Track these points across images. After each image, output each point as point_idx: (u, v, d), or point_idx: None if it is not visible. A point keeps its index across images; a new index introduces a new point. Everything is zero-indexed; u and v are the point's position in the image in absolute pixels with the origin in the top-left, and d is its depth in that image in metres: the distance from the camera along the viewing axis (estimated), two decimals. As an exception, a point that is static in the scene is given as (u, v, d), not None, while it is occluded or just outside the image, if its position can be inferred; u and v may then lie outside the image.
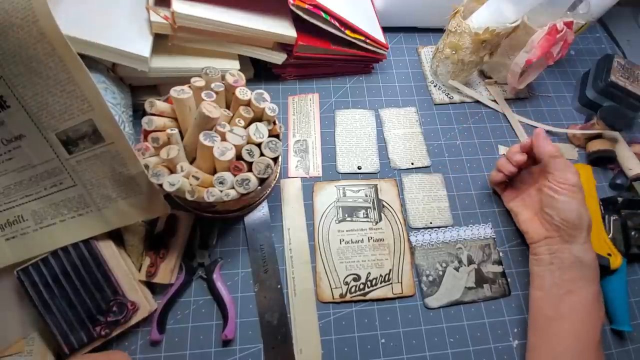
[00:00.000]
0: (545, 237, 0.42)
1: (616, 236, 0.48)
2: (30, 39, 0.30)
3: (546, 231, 0.42)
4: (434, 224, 0.49)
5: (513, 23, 0.49)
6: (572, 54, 0.68)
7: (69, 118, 0.33)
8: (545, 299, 0.41)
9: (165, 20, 0.43)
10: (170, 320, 0.42)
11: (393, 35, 0.65)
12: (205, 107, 0.36)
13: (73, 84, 0.32)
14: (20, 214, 0.38)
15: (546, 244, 0.42)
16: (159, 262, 0.41)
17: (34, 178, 0.37)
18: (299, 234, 0.47)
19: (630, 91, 0.56)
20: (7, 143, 0.36)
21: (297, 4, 0.46)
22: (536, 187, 0.46)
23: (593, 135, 0.55)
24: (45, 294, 0.38)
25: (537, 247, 0.43)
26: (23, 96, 0.33)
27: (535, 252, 0.43)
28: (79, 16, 0.40)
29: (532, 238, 0.44)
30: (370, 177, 0.52)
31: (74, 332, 0.38)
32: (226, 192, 0.36)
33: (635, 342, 0.45)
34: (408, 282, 0.45)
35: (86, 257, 0.39)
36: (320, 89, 0.58)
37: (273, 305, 0.43)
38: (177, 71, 0.46)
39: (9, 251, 0.39)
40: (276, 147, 0.39)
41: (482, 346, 0.43)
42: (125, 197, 0.38)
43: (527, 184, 0.47)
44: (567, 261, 0.40)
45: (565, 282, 0.40)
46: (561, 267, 0.40)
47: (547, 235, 0.42)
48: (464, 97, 0.59)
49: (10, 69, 0.31)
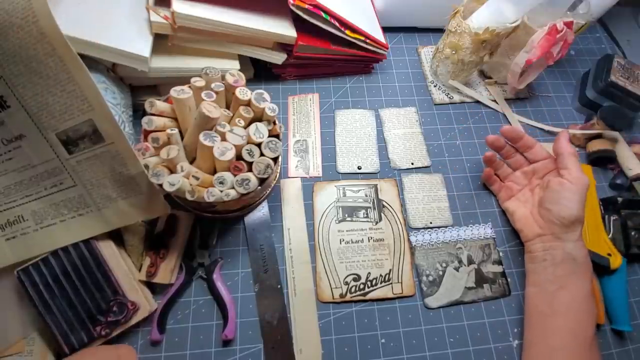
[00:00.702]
0: (539, 235, 0.44)
1: (616, 236, 0.48)
2: (31, 39, 0.30)
3: (540, 229, 0.44)
4: (434, 224, 0.49)
5: (513, 23, 0.49)
6: (572, 54, 0.68)
7: (69, 118, 0.33)
8: (540, 295, 0.42)
9: (165, 20, 0.43)
10: (170, 320, 0.42)
11: (393, 35, 0.65)
12: (205, 107, 0.36)
13: (73, 84, 0.32)
14: (20, 214, 0.38)
15: (540, 241, 0.43)
16: (159, 262, 0.41)
17: (34, 178, 0.37)
18: (299, 234, 0.47)
19: (630, 91, 0.56)
20: (7, 143, 0.36)
21: (297, 4, 0.46)
22: (529, 188, 0.47)
23: (593, 135, 0.55)
24: (46, 294, 0.38)
25: (531, 245, 0.44)
26: (23, 96, 0.33)
27: (530, 250, 0.45)
28: (79, 16, 0.40)
29: (527, 236, 0.45)
30: (370, 177, 0.52)
31: (74, 332, 0.38)
32: (226, 192, 0.36)
33: (635, 342, 0.45)
34: (408, 282, 0.45)
35: (86, 257, 0.39)
36: (320, 89, 0.58)
37: (273, 305, 0.43)
38: (177, 71, 0.46)
39: (9, 251, 0.39)
40: (276, 147, 0.39)
41: (482, 346, 0.43)
42: (125, 197, 0.38)
43: (521, 184, 0.49)
44: (559, 257, 0.41)
45: (558, 278, 0.41)
46: (554, 263, 0.41)
47: (541, 232, 0.43)
48: (464, 97, 0.59)
49: (10, 69, 0.31)
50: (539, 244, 0.43)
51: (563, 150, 0.43)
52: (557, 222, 0.41)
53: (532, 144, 0.47)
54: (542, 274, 0.42)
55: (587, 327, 0.39)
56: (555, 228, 0.42)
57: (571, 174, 0.42)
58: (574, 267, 0.40)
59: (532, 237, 0.44)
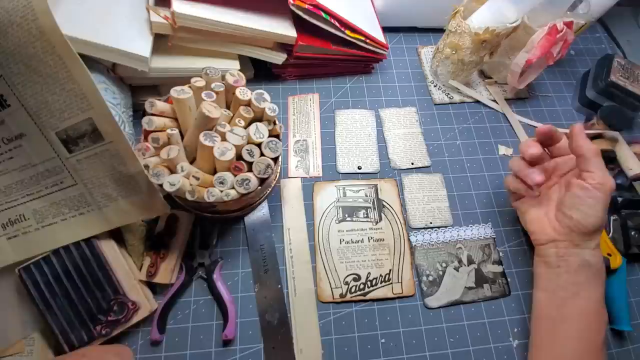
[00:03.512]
0: (553, 240, 0.40)
1: (616, 236, 0.48)
2: (30, 37, 0.30)
3: (556, 233, 0.40)
4: (434, 224, 0.49)
5: (513, 23, 0.49)
6: (572, 54, 0.68)
7: (68, 117, 0.33)
8: (550, 300, 0.40)
9: (165, 20, 0.43)
10: (170, 320, 0.42)
11: (393, 35, 0.65)
12: (206, 107, 0.36)
13: (72, 82, 0.32)
14: (21, 213, 0.38)
15: (554, 247, 0.40)
16: (159, 262, 0.41)
17: (34, 177, 0.37)
18: (299, 234, 0.47)
19: (630, 91, 0.56)
20: (7, 142, 0.36)
21: (297, 4, 0.46)
22: (547, 186, 0.43)
23: (593, 135, 0.55)
24: (47, 292, 0.38)
25: (544, 249, 0.41)
26: (23, 95, 0.33)
27: (542, 254, 0.41)
28: (79, 16, 0.40)
29: (539, 240, 0.41)
30: (370, 177, 0.52)
31: (74, 331, 0.38)
32: (226, 192, 0.36)
33: (635, 342, 0.45)
34: (408, 282, 0.45)
35: (88, 256, 0.39)
36: (320, 89, 0.58)
37: (273, 305, 0.43)
38: (177, 71, 0.46)
39: (11, 250, 0.39)
40: (276, 147, 0.39)
41: (482, 346, 0.43)
42: (125, 196, 0.38)
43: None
44: (574, 265, 0.38)
45: (572, 286, 0.38)
46: (568, 270, 0.38)
47: (556, 238, 0.40)
48: (464, 97, 0.59)
49: (10, 67, 0.31)
50: (553, 249, 0.40)
51: (584, 151, 0.37)
52: (576, 229, 0.38)
53: (559, 138, 0.41)
54: (554, 280, 0.39)
55: (598, 332, 0.37)
56: (573, 236, 0.38)
57: (595, 178, 0.37)
58: (589, 274, 0.38)
59: (545, 242, 0.41)
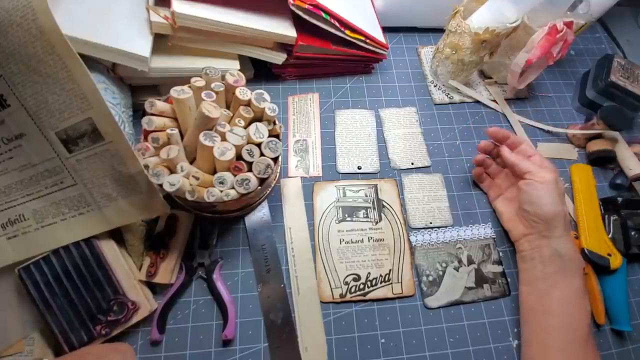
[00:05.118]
0: (525, 234, 0.44)
1: (616, 236, 0.48)
2: (30, 37, 0.30)
3: (525, 228, 0.44)
4: (434, 224, 0.49)
5: (513, 23, 0.49)
6: (572, 54, 0.68)
7: (68, 116, 0.33)
8: (532, 293, 0.42)
9: (165, 20, 0.43)
10: (170, 320, 0.42)
11: (393, 35, 0.65)
12: (205, 107, 0.36)
13: (72, 82, 0.32)
14: (21, 213, 0.38)
15: (527, 240, 0.44)
16: (159, 262, 0.41)
17: (34, 177, 0.37)
18: (300, 232, 0.47)
19: (630, 91, 0.56)
20: (7, 142, 0.36)
21: (297, 4, 0.46)
22: (517, 186, 0.47)
23: (593, 135, 0.55)
24: (47, 293, 0.38)
25: (520, 244, 0.45)
26: (23, 95, 0.33)
27: (519, 249, 0.45)
28: (79, 16, 0.40)
29: (515, 236, 0.46)
30: (370, 177, 0.52)
31: (74, 331, 0.38)
32: (226, 192, 0.36)
33: (635, 342, 0.45)
34: (408, 282, 0.45)
35: (88, 256, 0.39)
36: (320, 89, 0.58)
37: (277, 304, 0.43)
38: (177, 71, 0.46)
39: (11, 250, 0.39)
40: (276, 147, 0.39)
41: (482, 346, 0.43)
42: (125, 196, 0.38)
43: (509, 182, 0.49)
44: (546, 255, 0.42)
45: (548, 276, 0.41)
46: (542, 261, 0.42)
47: (526, 232, 0.44)
48: (464, 97, 0.59)
49: (10, 67, 0.31)
50: (526, 243, 0.44)
51: (512, 161, 0.45)
52: (538, 221, 0.42)
53: (518, 143, 0.47)
54: (532, 272, 0.43)
55: (581, 323, 0.39)
56: (538, 226, 0.42)
57: (534, 174, 0.43)
58: (561, 264, 0.41)
59: (519, 237, 0.45)
